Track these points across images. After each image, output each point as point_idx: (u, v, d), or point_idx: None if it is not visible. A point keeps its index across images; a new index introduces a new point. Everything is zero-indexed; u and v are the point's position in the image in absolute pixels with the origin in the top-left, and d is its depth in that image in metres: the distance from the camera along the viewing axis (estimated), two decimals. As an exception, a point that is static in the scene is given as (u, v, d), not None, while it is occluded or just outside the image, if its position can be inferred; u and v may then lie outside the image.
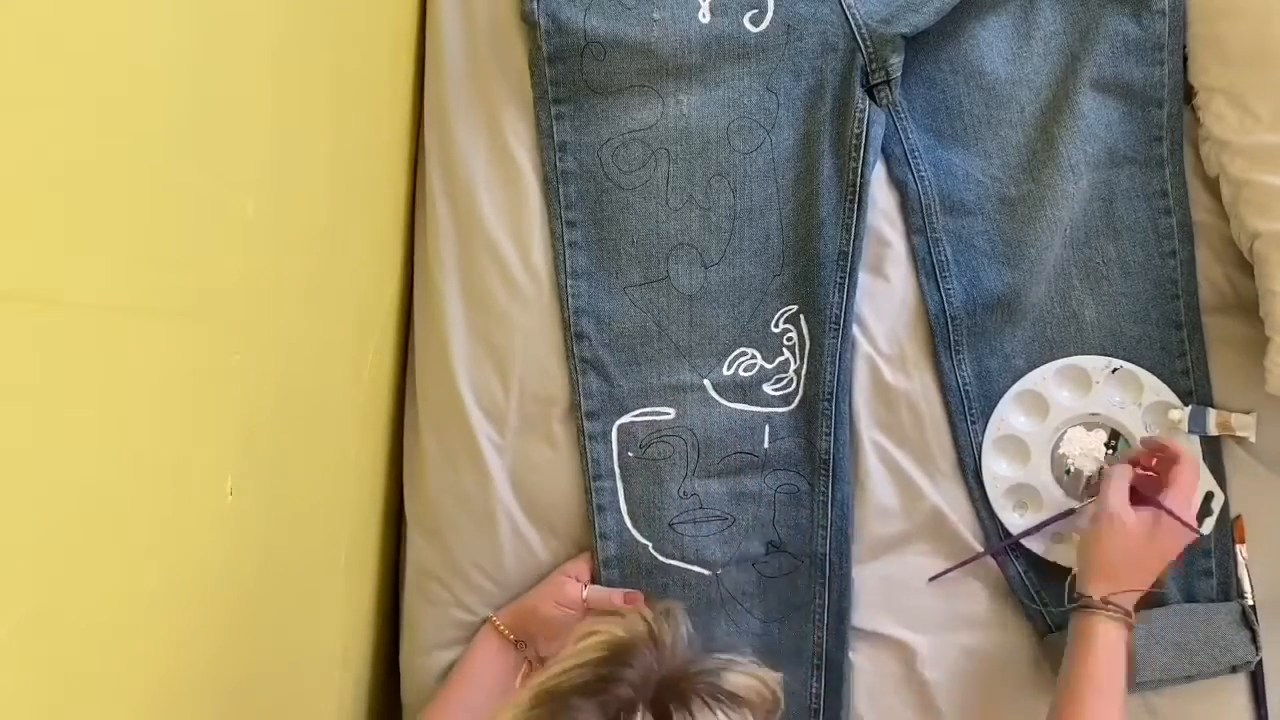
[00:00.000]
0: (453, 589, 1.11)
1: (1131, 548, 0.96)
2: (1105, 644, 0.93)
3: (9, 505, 0.49)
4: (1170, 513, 0.95)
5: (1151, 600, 1.08)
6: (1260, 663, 1.06)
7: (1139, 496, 0.98)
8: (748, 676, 0.73)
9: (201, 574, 0.71)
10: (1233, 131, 1.06)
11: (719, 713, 0.69)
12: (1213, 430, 1.07)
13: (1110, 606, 0.94)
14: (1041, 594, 1.08)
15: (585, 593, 1.05)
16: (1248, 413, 1.07)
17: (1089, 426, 1.11)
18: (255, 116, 0.75)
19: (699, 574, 1.10)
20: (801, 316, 1.12)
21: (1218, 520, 1.07)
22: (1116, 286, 1.11)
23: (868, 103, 1.12)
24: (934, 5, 1.11)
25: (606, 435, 1.12)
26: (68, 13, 0.52)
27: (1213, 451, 1.08)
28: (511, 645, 1.07)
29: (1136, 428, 1.09)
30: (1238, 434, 1.06)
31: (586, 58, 1.13)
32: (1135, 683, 1.04)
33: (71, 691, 0.56)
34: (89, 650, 0.58)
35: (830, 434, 1.10)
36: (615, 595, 1.05)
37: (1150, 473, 1.03)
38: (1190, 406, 1.07)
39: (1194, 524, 0.97)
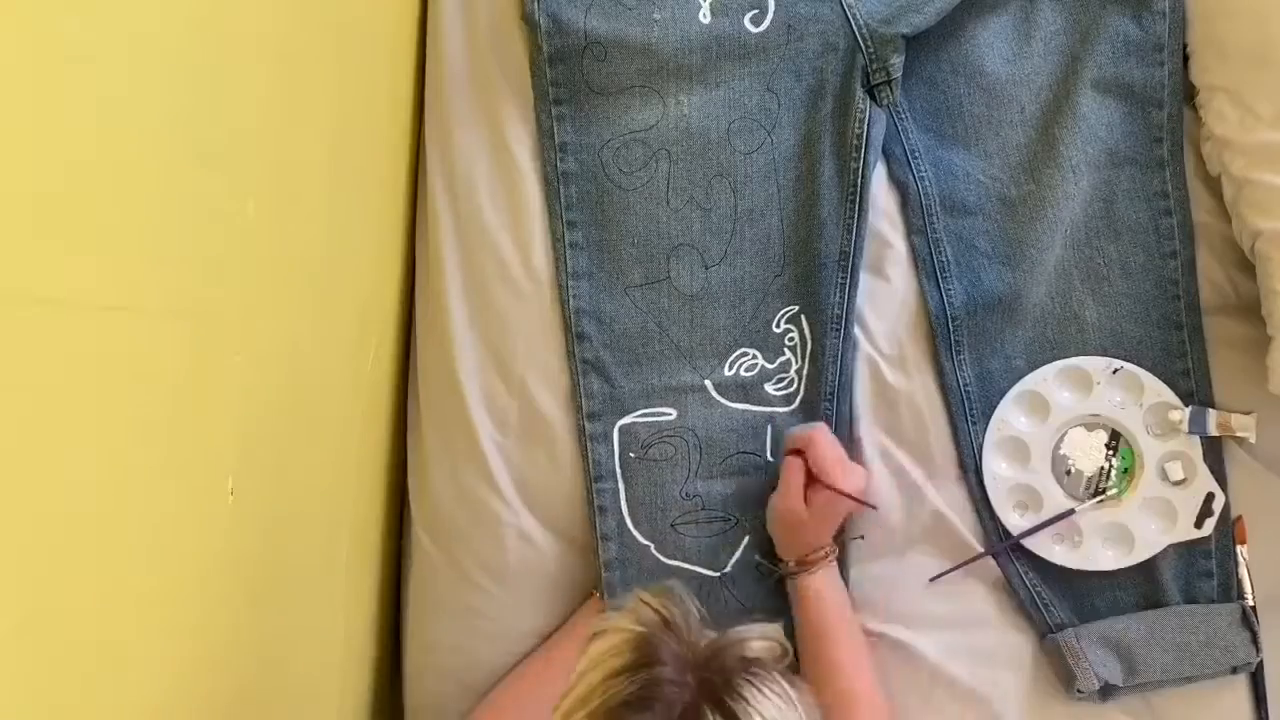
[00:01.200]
0: (455, 589, 1.11)
1: (809, 525, 1.05)
2: (818, 595, 1.04)
3: (9, 505, 0.50)
4: (846, 494, 1.03)
5: (1152, 601, 1.08)
6: (1261, 664, 1.06)
7: (811, 481, 1.05)
8: (762, 640, 0.74)
9: (202, 574, 0.71)
10: (1234, 130, 1.06)
11: (762, 688, 0.70)
12: (1213, 431, 1.07)
13: (806, 563, 1.05)
14: (1041, 594, 1.08)
15: None
16: (1248, 413, 1.07)
17: (1090, 427, 1.10)
18: (256, 116, 0.75)
19: (703, 574, 1.10)
20: (803, 317, 1.12)
21: (1218, 521, 1.07)
22: (1117, 287, 1.11)
23: (868, 103, 1.12)
24: (935, 5, 1.11)
25: (608, 436, 1.12)
26: (67, 12, 0.52)
27: (1213, 452, 1.08)
28: None
29: (1138, 428, 1.09)
30: (1237, 435, 1.06)
31: (587, 58, 1.13)
32: (1135, 683, 1.05)
33: (71, 692, 0.56)
34: (89, 651, 0.58)
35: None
36: None
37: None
38: (1190, 407, 1.07)
39: (860, 497, 1.05)
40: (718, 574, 1.10)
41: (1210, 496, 1.07)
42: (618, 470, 1.11)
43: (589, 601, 1.10)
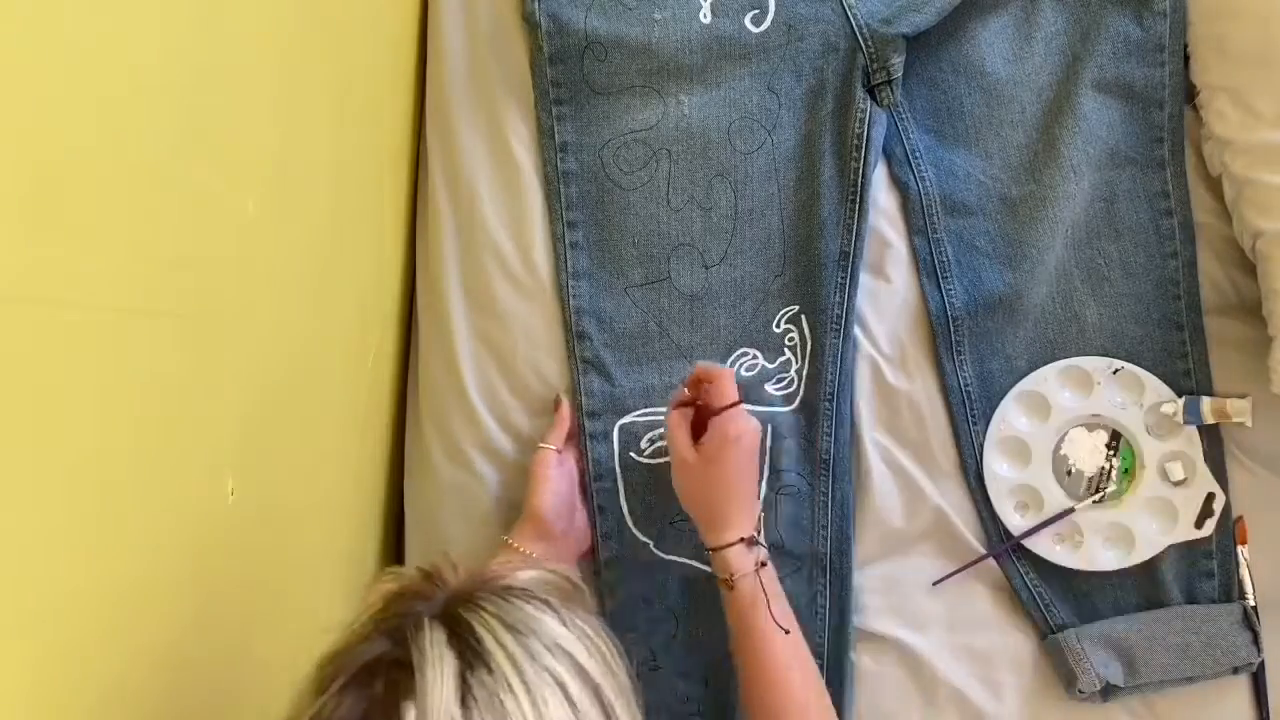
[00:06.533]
0: (454, 589, 1.11)
1: (713, 480, 0.95)
2: (745, 591, 0.93)
3: (9, 505, 0.49)
4: (728, 408, 0.94)
5: (1153, 601, 1.08)
6: (1262, 664, 1.05)
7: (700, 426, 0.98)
8: (539, 571, 0.68)
9: (202, 574, 0.71)
10: (1235, 130, 1.06)
11: (515, 601, 0.63)
12: (1208, 418, 1.06)
13: (732, 547, 0.94)
14: (1042, 595, 1.08)
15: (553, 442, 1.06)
16: (1242, 396, 1.06)
17: (1090, 427, 1.10)
18: (256, 116, 0.75)
19: (700, 569, 1.10)
20: (803, 317, 1.12)
21: (1219, 521, 1.07)
22: (1118, 287, 1.11)
23: (869, 103, 1.12)
24: (935, 5, 1.11)
25: (607, 435, 1.12)
26: (67, 12, 0.52)
27: (1214, 452, 1.08)
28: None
29: (1138, 429, 1.09)
30: (1234, 419, 1.06)
31: (588, 58, 1.13)
32: (1136, 684, 1.05)
33: (71, 691, 0.56)
34: (89, 650, 0.58)
35: (831, 434, 1.10)
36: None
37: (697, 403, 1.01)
38: (1184, 397, 1.07)
39: (735, 399, 0.96)
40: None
41: (1211, 497, 1.07)
42: (617, 469, 1.11)
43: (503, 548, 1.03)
